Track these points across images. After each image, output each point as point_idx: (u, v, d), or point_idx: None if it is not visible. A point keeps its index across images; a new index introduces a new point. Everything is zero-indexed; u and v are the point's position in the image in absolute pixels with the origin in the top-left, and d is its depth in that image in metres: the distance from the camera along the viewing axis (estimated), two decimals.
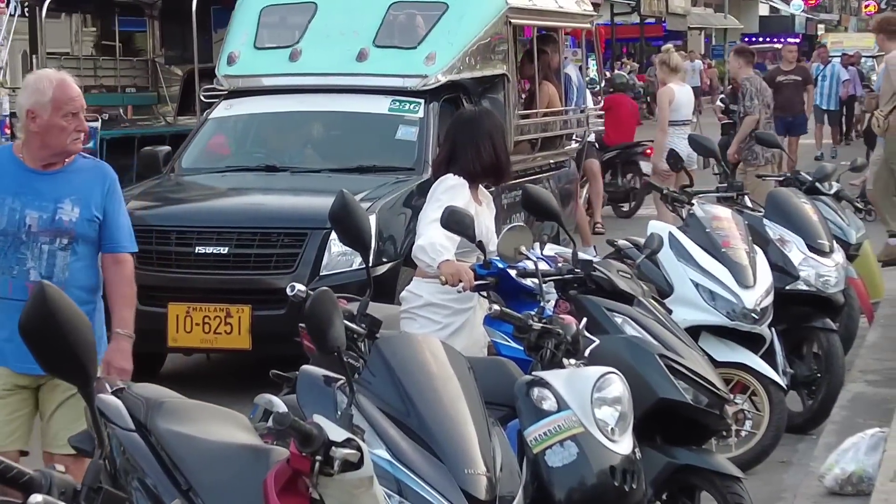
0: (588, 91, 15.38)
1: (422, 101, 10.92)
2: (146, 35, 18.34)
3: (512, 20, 12.00)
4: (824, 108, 28.65)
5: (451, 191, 6.39)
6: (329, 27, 11.51)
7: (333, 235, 9.10)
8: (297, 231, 9.62)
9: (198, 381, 9.87)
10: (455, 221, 6.02)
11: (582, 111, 14.46)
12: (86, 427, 4.57)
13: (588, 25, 14.92)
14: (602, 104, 16.02)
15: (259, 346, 9.49)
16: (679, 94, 14.50)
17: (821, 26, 68.79)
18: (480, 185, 6.66)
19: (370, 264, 5.72)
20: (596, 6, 49.43)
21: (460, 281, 6.07)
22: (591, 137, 15.85)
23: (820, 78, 28.41)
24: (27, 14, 16.95)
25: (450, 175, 6.50)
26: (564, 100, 13.77)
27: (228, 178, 10.98)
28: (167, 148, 11.52)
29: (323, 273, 9.42)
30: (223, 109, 11.46)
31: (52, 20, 17.84)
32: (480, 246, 6.14)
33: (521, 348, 6.09)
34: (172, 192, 10.86)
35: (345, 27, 11.48)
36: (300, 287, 5.45)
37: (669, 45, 16.72)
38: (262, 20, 11.75)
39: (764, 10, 68.32)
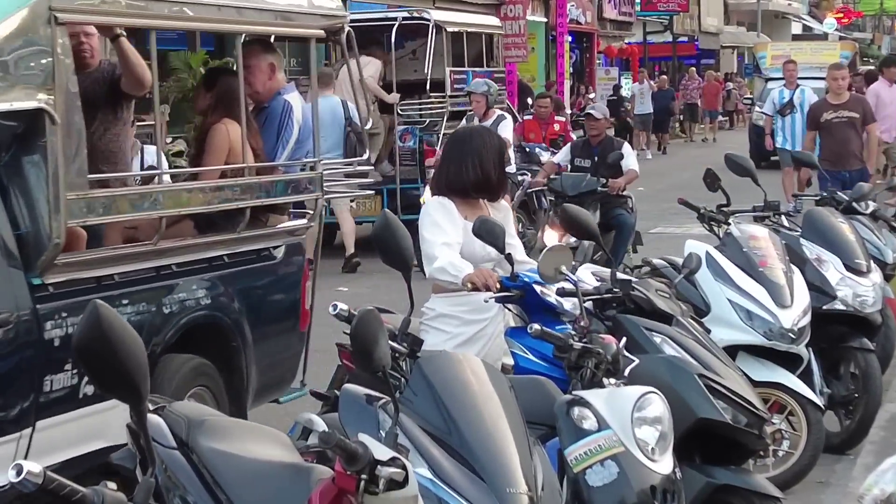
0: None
1: None
2: None
3: (61, 17, 6.42)
4: (790, 148, 18.83)
5: (441, 209, 6.36)
6: None
7: None
8: None
9: None
10: (486, 231, 6.04)
11: (312, 168, 8.27)
12: (127, 445, 4.59)
13: (318, 32, 8.47)
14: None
15: None
16: None
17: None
18: (485, 202, 6.53)
19: (411, 282, 5.70)
20: (629, 24, 49.38)
21: (486, 286, 6.06)
22: None
23: (780, 108, 19.79)
24: None
25: (434, 199, 6.47)
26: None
27: None
28: None
29: None
30: None
31: None
32: (509, 258, 6.15)
33: (540, 361, 6.14)
34: None
35: None
36: (342, 306, 5.48)
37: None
38: None
39: (797, 28, 68.14)
